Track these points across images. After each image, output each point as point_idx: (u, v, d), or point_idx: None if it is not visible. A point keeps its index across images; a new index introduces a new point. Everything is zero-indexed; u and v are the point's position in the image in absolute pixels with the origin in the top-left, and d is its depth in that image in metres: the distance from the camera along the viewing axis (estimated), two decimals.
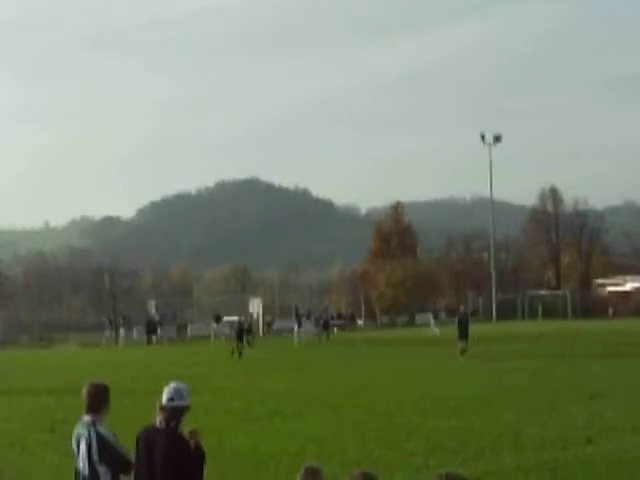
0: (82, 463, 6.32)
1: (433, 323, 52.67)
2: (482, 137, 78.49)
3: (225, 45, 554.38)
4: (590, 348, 33.95)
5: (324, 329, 51.63)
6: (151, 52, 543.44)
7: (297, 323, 49.86)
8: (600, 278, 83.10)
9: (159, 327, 55.69)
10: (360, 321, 74.58)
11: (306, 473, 5.01)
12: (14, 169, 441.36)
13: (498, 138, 78.62)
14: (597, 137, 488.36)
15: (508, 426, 14.52)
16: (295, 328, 49.33)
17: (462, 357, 30.18)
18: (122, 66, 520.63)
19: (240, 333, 38.24)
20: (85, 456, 6.28)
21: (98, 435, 6.25)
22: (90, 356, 44.28)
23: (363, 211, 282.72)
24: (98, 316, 76.87)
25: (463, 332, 31.61)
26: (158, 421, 6.03)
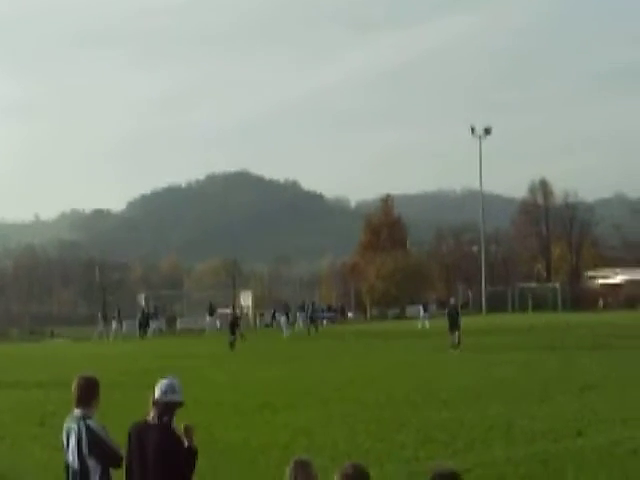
0: (72, 457, 6.30)
1: (423, 316, 52.46)
2: (472, 130, 78.27)
3: (213, 39, 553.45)
4: (580, 340, 34.02)
5: (311, 322, 51.80)
6: (141, 45, 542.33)
7: (286, 316, 49.86)
8: (590, 270, 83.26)
9: (153, 320, 55.35)
10: (350, 314, 74.53)
11: (296, 466, 5.00)
12: (4, 162, 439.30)
13: (488, 131, 78.41)
14: (587, 129, 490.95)
15: (498, 418, 14.55)
16: (282, 320, 49.43)
17: (456, 349, 30.29)
18: (112, 58, 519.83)
19: (232, 326, 38.33)
20: (75, 450, 6.25)
21: (88, 429, 6.22)
22: (80, 349, 44.11)
23: (353, 204, 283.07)
24: (89, 309, 76.65)
25: (453, 324, 31.77)
26: (151, 416, 6.01)
